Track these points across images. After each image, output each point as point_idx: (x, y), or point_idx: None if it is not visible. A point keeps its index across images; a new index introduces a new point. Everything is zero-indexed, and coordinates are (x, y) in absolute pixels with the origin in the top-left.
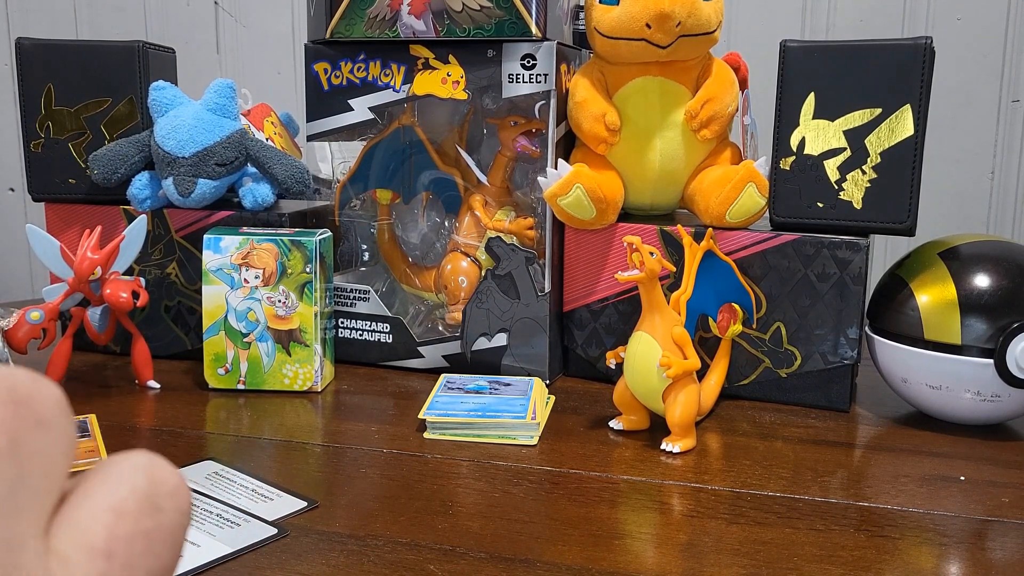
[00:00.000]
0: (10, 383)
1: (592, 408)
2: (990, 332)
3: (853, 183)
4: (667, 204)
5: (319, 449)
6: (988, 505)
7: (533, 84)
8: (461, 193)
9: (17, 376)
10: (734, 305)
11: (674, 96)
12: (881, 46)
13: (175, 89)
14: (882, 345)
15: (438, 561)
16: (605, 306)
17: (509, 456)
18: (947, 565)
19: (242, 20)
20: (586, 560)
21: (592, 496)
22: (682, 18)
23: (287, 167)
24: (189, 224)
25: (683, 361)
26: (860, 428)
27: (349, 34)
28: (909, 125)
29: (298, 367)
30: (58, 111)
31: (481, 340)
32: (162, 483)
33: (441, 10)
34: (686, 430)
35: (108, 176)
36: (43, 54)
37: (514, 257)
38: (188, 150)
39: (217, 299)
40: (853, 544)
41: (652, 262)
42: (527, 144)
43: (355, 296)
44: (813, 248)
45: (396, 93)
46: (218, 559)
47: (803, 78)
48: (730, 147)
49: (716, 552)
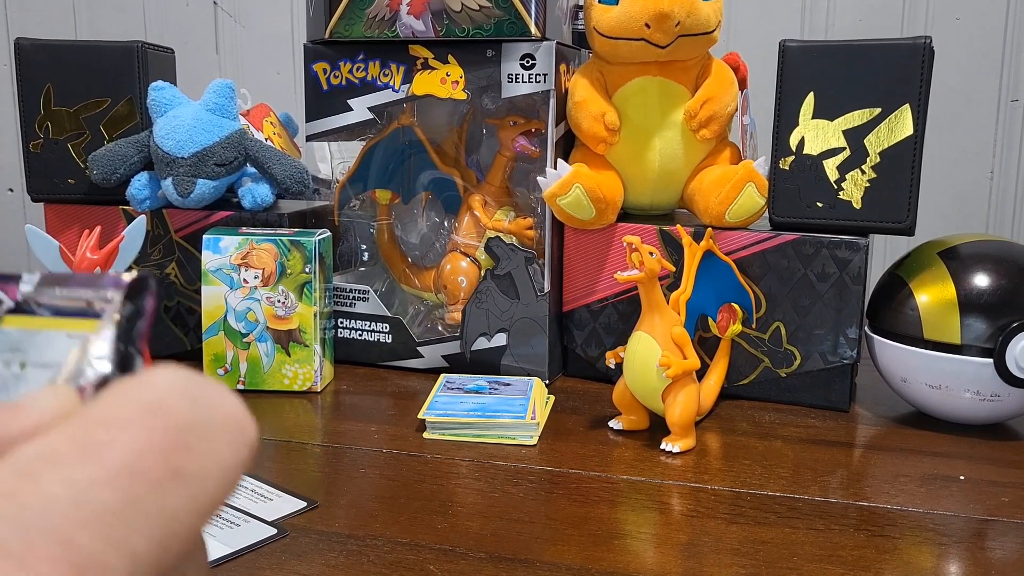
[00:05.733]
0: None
1: (592, 408)
2: (990, 332)
3: (852, 183)
4: (666, 204)
5: (319, 449)
6: (988, 505)
7: (532, 84)
8: (460, 193)
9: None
10: (734, 305)
11: (673, 96)
12: (880, 46)
13: (174, 89)
14: (882, 345)
15: (438, 561)
16: (605, 306)
17: (509, 456)
18: (947, 565)
19: (241, 20)
20: (586, 560)
21: (592, 496)
22: (681, 18)
23: (286, 167)
24: (188, 224)
25: (683, 361)
26: (860, 428)
27: (348, 34)
28: (908, 125)
29: (298, 367)
30: (57, 111)
31: (481, 340)
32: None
33: (440, 10)
34: (686, 430)
35: (107, 176)
36: (42, 54)
37: (514, 257)
38: (187, 150)
39: (216, 299)
40: (853, 544)
41: (652, 262)
42: (526, 144)
43: (354, 296)
44: (812, 248)
45: (395, 93)
46: (218, 559)
47: (802, 78)
48: (729, 147)
49: (716, 552)
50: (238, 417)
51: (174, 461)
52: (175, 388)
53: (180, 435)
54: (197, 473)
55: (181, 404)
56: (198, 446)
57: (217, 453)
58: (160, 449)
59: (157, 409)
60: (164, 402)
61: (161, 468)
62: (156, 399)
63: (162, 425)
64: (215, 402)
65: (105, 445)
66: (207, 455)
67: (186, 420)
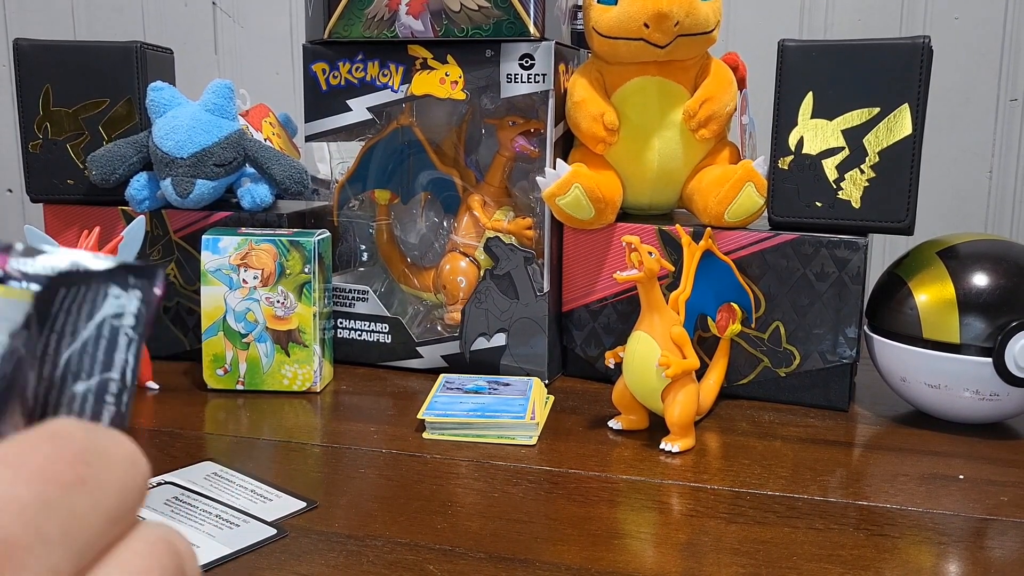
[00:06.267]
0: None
1: (591, 408)
2: (989, 331)
3: (851, 182)
4: (666, 204)
5: (318, 450)
6: (987, 504)
7: (531, 84)
8: (460, 193)
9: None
10: (733, 305)
11: (672, 96)
12: (879, 45)
13: (173, 90)
14: (881, 344)
15: (437, 561)
16: (604, 306)
17: (508, 456)
18: (946, 564)
19: (240, 21)
20: (585, 560)
21: (591, 496)
22: (680, 18)
23: (285, 168)
24: (187, 225)
25: (682, 361)
26: (859, 427)
27: (347, 34)
28: (907, 124)
29: (297, 368)
30: (56, 112)
31: (480, 340)
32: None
33: (439, 10)
34: (685, 430)
35: (106, 177)
36: (41, 55)
37: (513, 257)
38: (186, 151)
39: (216, 300)
40: (852, 543)
41: (651, 262)
42: (525, 144)
43: (354, 296)
44: (812, 247)
45: (394, 93)
46: (217, 560)
47: (801, 77)
48: (728, 147)
49: (715, 552)
50: (130, 450)
51: (79, 471)
52: (70, 423)
53: (81, 452)
54: (98, 484)
55: (78, 431)
56: (96, 463)
57: (113, 472)
58: (66, 460)
59: (57, 433)
60: (64, 429)
61: (68, 475)
62: (56, 428)
63: (65, 443)
64: (108, 436)
65: (20, 455)
66: (106, 471)
67: (84, 443)
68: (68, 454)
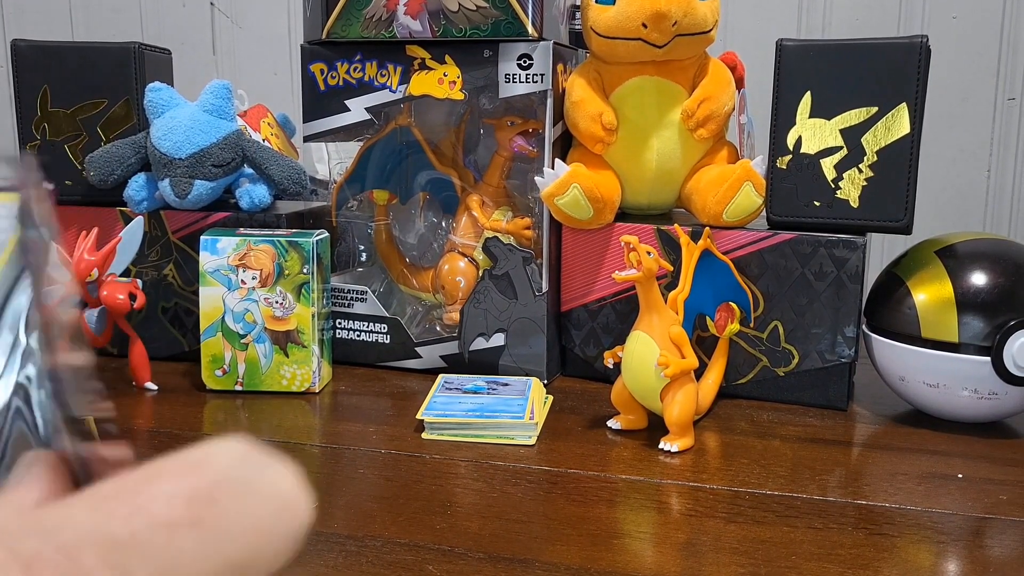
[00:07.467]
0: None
1: (590, 408)
2: (987, 330)
3: (850, 182)
4: (664, 203)
5: (317, 450)
6: (986, 503)
7: (530, 84)
8: (458, 193)
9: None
10: (732, 304)
11: (671, 96)
12: (877, 45)
13: (171, 90)
14: (879, 343)
15: (436, 561)
16: (603, 306)
17: (507, 456)
18: (945, 563)
19: (238, 21)
20: (584, 560)
21: (590, 496)
22: (678, 17)
23: (284, 168)
24: (186, 226)
25: (681, 360)
26: (858, 427)
27: (345, 35)
28: (905, 123)
29: (296, 368)
30: (54, 113)
31: (479, 340)
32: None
33: (437, 10)
34: (684, 429)
35: (104, 178)
36: (39, 56)
37: (512, 257)
38: (184, 151)
39: (214, 301)
40: (851, 542)
41: (650, 262)
42: (524, 144)
43: (353, 297)
44: (810, 247)
45: (393, 94)
46: None
47: (799, 77)
48: (727, 146)
49: (714, 551)
50: (289, 493)
51: (196, 511)
52: (228, 450)
53: (211, 488)
54: (217, 527)
55: (224, 462)
56: (227, 503)
57: (248, 516)
58: (185, 497)
59: (198, 464)
60: (209, 458)
61: (180, 514)
62: (203, 456)
63: (196, 478)
64: (268, 475)
65: (138, 485)
66: (235, 514)
67: (223, 477)
68: (190, 489)
